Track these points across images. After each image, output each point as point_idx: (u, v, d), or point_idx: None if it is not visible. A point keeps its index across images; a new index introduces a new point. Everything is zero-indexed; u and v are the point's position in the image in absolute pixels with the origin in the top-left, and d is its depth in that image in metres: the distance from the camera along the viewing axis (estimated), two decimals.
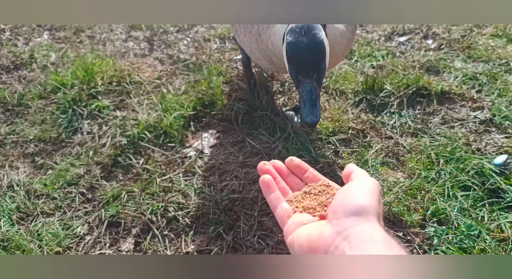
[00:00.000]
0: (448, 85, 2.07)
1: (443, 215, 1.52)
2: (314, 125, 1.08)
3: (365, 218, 0.61)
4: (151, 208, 1.63)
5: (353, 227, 0.60)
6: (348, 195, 0.66)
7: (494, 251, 1.37)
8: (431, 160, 1.72)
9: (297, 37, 1.12)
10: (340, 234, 0.60)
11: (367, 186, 0.66)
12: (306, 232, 0.66)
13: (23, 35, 2.80)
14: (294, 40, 1.12)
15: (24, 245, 1.51)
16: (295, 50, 1.12)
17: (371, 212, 0.62)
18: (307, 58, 1.11)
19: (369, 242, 0.57)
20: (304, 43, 1.11)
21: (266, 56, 1.48)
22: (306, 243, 0.64)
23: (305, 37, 1.12)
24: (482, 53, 2.27)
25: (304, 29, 1.12)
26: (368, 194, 0.65)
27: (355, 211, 0.62)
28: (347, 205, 0.64)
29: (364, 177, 0.70)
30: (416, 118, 1.94)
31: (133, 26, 2.90)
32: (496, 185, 1.57)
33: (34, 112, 2.14)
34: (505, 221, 1.47)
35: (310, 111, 1.08)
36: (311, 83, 1.11)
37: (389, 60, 2.30)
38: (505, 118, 1.87)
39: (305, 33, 1.12)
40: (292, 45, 1.13)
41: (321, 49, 1.12)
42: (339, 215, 0.63)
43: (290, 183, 0.86)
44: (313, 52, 1.11)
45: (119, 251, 1.55)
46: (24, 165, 1.90)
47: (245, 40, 1.56)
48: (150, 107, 2.12)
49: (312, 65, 1.11)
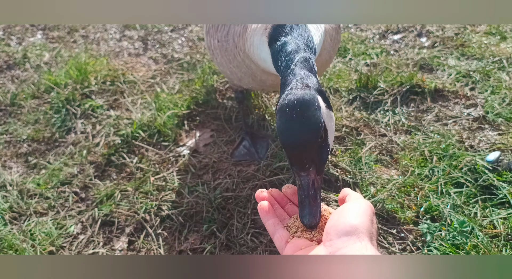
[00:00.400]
0: (442, 83, 2.08)
1: (436, 212, 1.52)
2: (313, 227, 0.84)
3: (357, 238, 0.62)
4: (145, 207, 1.63)
5: (345, 248, 0.62)
6: (340, 217, 0.68)
7: (486, 247, 1.38)
8: (424, 157, 1.72)
9: (287, 122, 0.90)
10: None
11: (360, 208, 0.68)
12: None
13: (16, 35, 2.79)
14: (283, 126, 0.91)
15: (17, 245, 1.51)
16: (285, 138, 0.91)
17: (362, 232, 0.63)
18: (300, 149, 0.90)
19: None
20: (295, 130, 0.90)
21: (246, 69, 1.38)
22: None
23: (296, 122, 0.89)
24: (475, 51, 2.28)
25: (295, 110, 0.90)
26: (360, 214, 0.66)
27: (347, 231, 0.64)
28: (339, 226, 0.66)
29: (357, 199, 0.72)
30: (409, 116, 1.95)
31: (127, 26, 2.90)
32: (488, 181, 1.58)
33: (27, 112, 2.13)
34: (497, 217, 1.48)
35: (308, 211, 0.85)
36: (307, 177, 0.90)
37: (383, 58, 2.30)
38: (498, 115, 1.88)
39: (296, 116, 0.90)
40: (281, 132, 0.91)
41: (317, 135, 0.90)
42: (332, 236, 0.65)
43: (288, 211, 0.89)
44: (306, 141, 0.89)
45: (113, 250, 1.55)
46: (17, 164, 1.89)
47: (223, 61, 1.47)
48: (144, 106, 2.12)
49: (307, 156, 0.90)
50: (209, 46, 1.57)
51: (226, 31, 1.40)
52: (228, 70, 1.51)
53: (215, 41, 1.48)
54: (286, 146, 0.91)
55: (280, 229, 0.79)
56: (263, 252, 1.48)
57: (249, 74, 1.43)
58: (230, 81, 1.68)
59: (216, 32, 1.47)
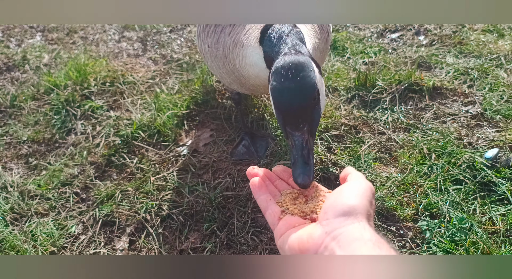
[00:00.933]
0: (440, 81, 2.08)
1: (435, 209, 1.53)
2: (306, 186, 0.85)
3: (355, 218, 0.61)
4: (145, 206, 1.64)
5: (342, 227, 0.61)
6: (339, 197, 0.67)
7: (485, 243, 1.39)
8: (423, 155, 1.73)
9: (283, 82, 0.92)
10: (329, 234, 0.61)
11: (359, 188, 0.67)
12: (296, 234, 0.67)
13: (15, 37, 2.80)
14: (279, 86, 0.92)
15: (18, 246, 1.52)
16: (281, 99, 0.92)
17: (360, 213, 0.62)
18: (295, 108, 0.91)
19: (358, 242, 0.58)
20: (291, 89, 0.91)
21: (236, 78, 1.40)
22: (297, 244, 0.65)
23: (292, 81, 0.91)
24: (473, 48, 2.29)
25: (291, 70, 0.92)
26: (359, 195, 0.65)
27: (344, 212, 0.63)
28: (337, 206, 0.65)
29: (357, 180, 0.71)
30: (408, 114, 1.95)
31: (126, 27, 2.90)
32: (487, 178, 1.59)
33: (27, 113, 2.14)
34: (496, 214, 1.49)
35: (302, 170, 0.86)
36: (301, 137, 0.91)
37: (381, 56, 2.31)
38: (496, 112, 1.88)
39: (292, 76, 0.92)
40: (277, 92, 0.93)
41: (312, 95, 0.92)
42: (329, 216, 0.64)
43: (278, 186, 0.89)
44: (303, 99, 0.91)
45: (114, 250, 1.56)
46: (17, 166, 1.90)
47: (213, 65, 1.48)
48: (144, 106, 2.13)
49: (301, 116, 0.91)
50: (200, 49, 1.58)
51: (216, 38, 1.39)
52: (218, 74, 1.52)
53: (205, 46, 1.48)
54: (281, 105, 0.92)
55: (272, 205, 0.78)
56: (263, 250, 1.49)
57: (238, 82, 1.45)
58: (223, 83, 1.68)
59: (206, 38, 1.46)
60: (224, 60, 1.37)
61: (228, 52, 1.33)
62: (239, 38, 1.29)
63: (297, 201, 0.83)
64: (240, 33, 1.31)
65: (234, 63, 1.32)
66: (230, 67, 1.37)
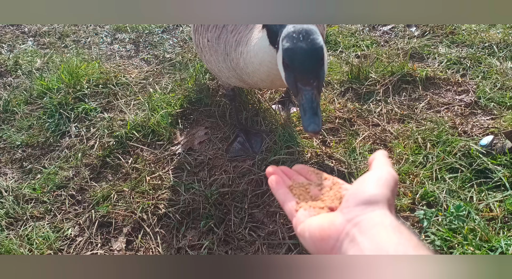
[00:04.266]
0: (433, 71, 2.08)
1: (432, 198, 1.53)
2: (316, 134, 1.02)
3: (376, 206, 0.62)
4: (142, 206, 1.63)
5: (364, 214, 0.61)
6: (361, 186, 0.68)
7: (483, 230, 1.38)
8: (418, 145, 1.72)
9: (295, 43, 1.04)
10: (350, 221, 0.62)
11: (381, 177, 0.67)
12: (317, 221, 0.68)
13: (7, 42, 2.79)
14: (293, 46, 1.04)
15: (14, 250, 1.50)
16: (294, 57, 1.04)
17: (382, 201, 0.63)
18: (307, 65, 1.04)
19: (378, 226, 0.58)
20: (303, 49, 1.03)
21: (236, 74, 1.44)
22: (318, 231, 0.65)
23: (303, 42, 1.04)
24: (465, 38, 2.29)
25: (302, 33, 1.04)
26: (381, 184, 0.66)
27: (365, 200, 0.63)
28: (358, 194, 0.65)
29: (380, 168, 0.71)
30: (402, 105, 1.95)
31: (118, 29, 2.90)
32: (483, 165, 1.58)
33: (21, 118, 2.13)
34: (493, 201, 1.48)
35: (312, 120, 1.00)
36: (311, 91, 1.04)
37: (373, 49, 2.31)
38: (490, 100, 1.88)
39: (303, 38, 1.04)
40: (290, 51, 1.04)
41: (321, 55, 1.05)
42: (350, 204, 0.65)
43: (296, 181, 0.89)
44: (313, 58, 1.04)
45: (111, 250, 1.55)
46: (12, 170, 1.89)
47: (211, 59, 1.51)
48: (138, 107, 2.12)
49: (312, 72, 1.04)
50: (198, 44, 1.57)
51: (217, 34, 1.42)
52: (216, 68, 1.52)
53: (204, 40, 1.49)
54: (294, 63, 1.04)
55: (290, 197, 0.79)
56: (261, 245, 1.48)
57: (237, 78, 1.46)
58: (219, 79, 1.68)
59: (206, 32, 1.47)
60: (225, 56, 1.40)
61: (231, 51, 1.37)
62: (241, 38, 1.33)
63: (315, 193, 0.83)
64: (242, 33, 1.34)
65: (238, 62, 1.35)
66: (231, 64, 1.39)
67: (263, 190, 1.64)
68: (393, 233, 0.57)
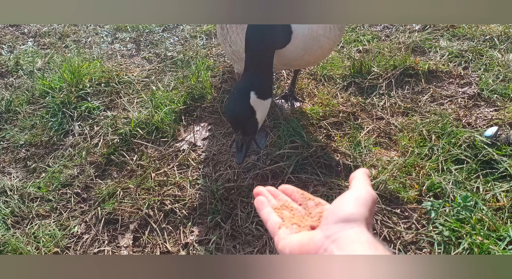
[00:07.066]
0: (435, 64, 2.09)
1: (439, 189, 1.53)
2: (238, 163, 1.45)
3: (354, 224, 0.65)
4: (148, 202, 1.63)
5: (342, 231, 0.65)
6: (340, 204, 0.71)
7: (491, 220, 1.38)
8: (423, 137, 1.73)
9: (229, 101, 1.32)
10: (329, 237, 0.65)
11: (360, 197, 0.71)
12: (297, 238, 0.71)
13: (7, 43, 2.78)
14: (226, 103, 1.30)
15: (21, 248, 1.50)
16: (226, 112, 1.36)
17: (360, 220, 0.66)
18: (231, 121, 1.37)
19: (355, 243, 0.62)
20: (229, 109, 1.31)
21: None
22: (298, 247, 0.68)
23: (232, 103, 1.30)
24: (466, 31, 2.30)
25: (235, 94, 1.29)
26: (359, 204, 0.69)
27: (344, 218, 0.66)
28: (337, 212, 0.69)
29: (360, 187, 0.74)
30: (405, 98, 1.95)
31: (119, 29, 2.90)
32: (488, 156, 1.58)
33: (23, 117, 2.12)
34: (500, 191, 1.48)
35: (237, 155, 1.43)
36: (238, 136, 1.40)
37: (374, 44, 2.31)
38: (493, 91, 1.89)
39: (234, 99, 1.30)
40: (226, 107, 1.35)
41: (242, 117, 1.32)
42: (329, 221, 0.68)
43: (281, 201, 0.94)
44: (235, 118, 1.33)
45: (118, 247, 1.54)
46: (16, 170, 1.88)
47: (238, 39, 1.53)
48: (141, 105, 2.12)
49: (237, 125, 1.36)
50: (225, 30, 1.60)
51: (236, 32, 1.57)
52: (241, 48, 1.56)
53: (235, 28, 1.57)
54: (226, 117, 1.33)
55: (273, 216, 0.84)
56: (268, 240, 1.48)
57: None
58: (237, 65, 1.72)
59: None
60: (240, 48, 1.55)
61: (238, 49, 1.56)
62: None
63: (295, 211, 0.87)
64: None
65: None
66: None
67: (269, 184, 1.63)
68: (369, 248, 0.60)
